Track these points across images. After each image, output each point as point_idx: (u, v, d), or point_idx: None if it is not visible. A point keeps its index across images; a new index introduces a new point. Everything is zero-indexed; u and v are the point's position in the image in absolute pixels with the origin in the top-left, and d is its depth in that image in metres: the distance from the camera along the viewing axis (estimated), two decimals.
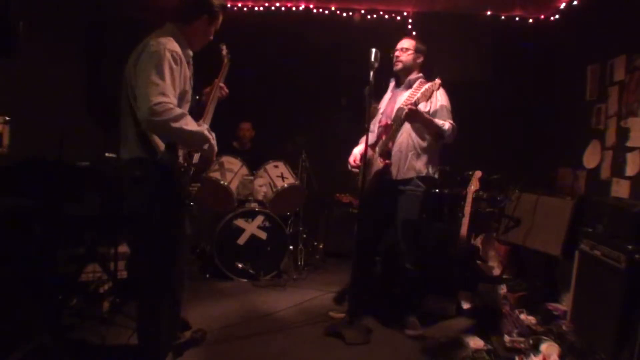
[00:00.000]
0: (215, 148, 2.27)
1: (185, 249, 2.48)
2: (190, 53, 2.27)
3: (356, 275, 3.28)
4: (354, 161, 3.24)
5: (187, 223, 2.35)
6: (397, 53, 3.18)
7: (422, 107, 2.96)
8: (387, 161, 3.02)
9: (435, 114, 3.02)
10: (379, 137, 3.15)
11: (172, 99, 1.98)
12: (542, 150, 4.62)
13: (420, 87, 3.01)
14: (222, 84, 2.62)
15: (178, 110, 1.98)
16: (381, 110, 3.26)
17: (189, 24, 2.23)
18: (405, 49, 3.15)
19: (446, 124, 2.98)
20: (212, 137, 2.21)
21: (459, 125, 3.07)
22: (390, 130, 3.03)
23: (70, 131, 3.07)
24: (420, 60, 3.17)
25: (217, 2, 2.26)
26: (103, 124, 3.68)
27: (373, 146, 3.18)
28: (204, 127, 2.20)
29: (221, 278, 3.93)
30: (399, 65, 3.16)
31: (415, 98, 2.86)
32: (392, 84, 3.30)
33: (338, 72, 4.86)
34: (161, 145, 2.12)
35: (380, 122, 3.22)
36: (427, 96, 2.84)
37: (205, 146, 2.19)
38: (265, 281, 3.96)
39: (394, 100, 3.17)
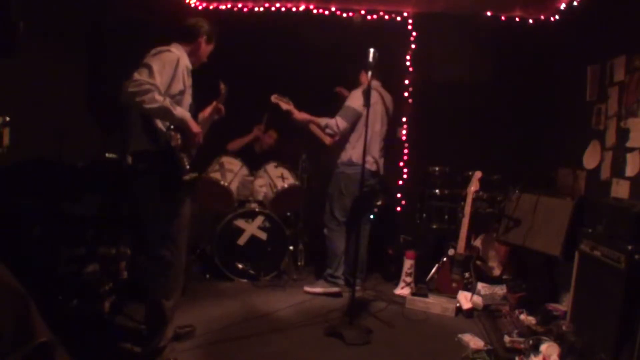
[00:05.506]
0: (176, 110, 2.26)
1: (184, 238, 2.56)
2: (190, 66, 2.50)
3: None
4: None
5: (187, 205, 2.47)
6: None
7: None
8: None
9: None
10: None
11: (148, 79, 2.17)
12: (542, 150, 4.61)
13: None
14: (220, 106, 2.83)
15: (146, 86, 2.15)
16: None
17: (190, 43, 2.54)
18: None
19: None
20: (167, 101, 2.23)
21: (459, 125, 3.08)
22: None
23: (70, 131, 3.07)
24: None
25: (210, 27, 2.59)
26: (103, 124, 3.68)
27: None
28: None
29: (221, 278, 3.93)
30: None
31: None
32: None
33: (338, 72, 4.85)
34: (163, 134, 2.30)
35: None
36: None
37: (156, 105, 2.17)
38: (265, 282, 3.96)
39: None
